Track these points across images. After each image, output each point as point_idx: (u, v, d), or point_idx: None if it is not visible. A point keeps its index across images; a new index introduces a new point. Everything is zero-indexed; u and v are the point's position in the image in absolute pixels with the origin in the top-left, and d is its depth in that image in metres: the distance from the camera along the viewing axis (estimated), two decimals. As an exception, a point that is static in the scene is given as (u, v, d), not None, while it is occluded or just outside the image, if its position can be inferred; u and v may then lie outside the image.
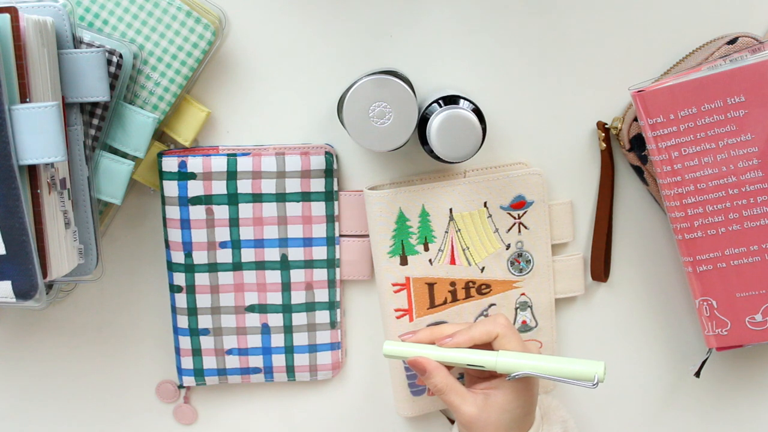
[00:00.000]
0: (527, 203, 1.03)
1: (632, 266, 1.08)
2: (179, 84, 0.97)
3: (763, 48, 0.94)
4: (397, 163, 1.04)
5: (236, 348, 1.05)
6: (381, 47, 1.01)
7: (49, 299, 1.01)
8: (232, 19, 1.00)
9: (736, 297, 1.00)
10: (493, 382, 0.95)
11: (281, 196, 1.01)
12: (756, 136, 0.95)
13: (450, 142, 0.93)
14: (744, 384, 1.11)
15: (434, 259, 1.03)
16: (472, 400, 0.94)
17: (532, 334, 1.06)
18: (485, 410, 0.94)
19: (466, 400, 0.94)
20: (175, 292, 1.03)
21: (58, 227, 0.90)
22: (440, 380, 0.95)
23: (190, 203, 1.00)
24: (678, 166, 0.97)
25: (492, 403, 0.94)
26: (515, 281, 1.05)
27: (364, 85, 0.92)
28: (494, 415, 0.94)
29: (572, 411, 1.10)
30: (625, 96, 1.02)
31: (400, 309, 1.04)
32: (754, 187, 0.96)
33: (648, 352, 1.10)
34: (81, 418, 1.10)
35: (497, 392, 0.94)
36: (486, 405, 0.94)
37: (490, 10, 1.01)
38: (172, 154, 1.00)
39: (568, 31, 1.02)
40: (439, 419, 1.10)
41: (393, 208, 1.01)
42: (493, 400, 0.94)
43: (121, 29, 0.95)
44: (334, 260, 1.04)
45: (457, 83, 1.02)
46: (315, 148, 1.01)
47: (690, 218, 0.98)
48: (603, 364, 0.91)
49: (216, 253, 1.02)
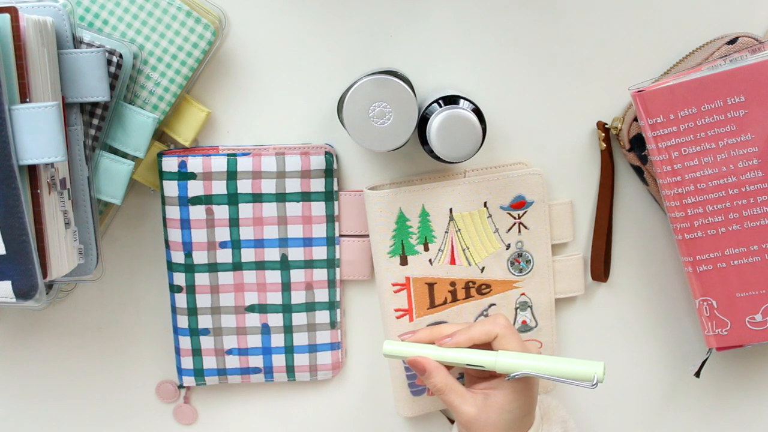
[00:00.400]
0: (527, 203, 1.03)
1: (632, 266, 1.08)
2: (179, 84, 0.97)
3: (763, 48, 0.94)
4: (397, 163, 1.04)
5: (236, 348, 1.05)
6: (381, 47, 1.01)
7: (49, 299, 1.01)
8: (232, 19, 1.00)
9: (736, 297, 1.00)
10: (493, 382, 0.95)
11: (281, 196, 1.01)
12: (756, 136, 0.95)
13: (450, 142, 0.93)
14: (744, 384, 1.11)
15: (434, 259, 1.03)
16: (471, 400, 0.94)
17: (532, 334, 1.06)
18: (485, 410, 0.94)
19: (466, 400, 0.94)
20: (175, 292, 1.03)
21: (58, 227, 0.90)
22: (440, 380, 0.95)
23: (190, 203, 1.00)
24: (678, 166, 0.97)
25: (492, 403, 0.94)
26: (515, 281, 1.05)
27: (364, 85, 0.92)
28: (494, 415, 0.94)
29: (572, 411, 1.10)
30: (625, 96, 1.02)
31: (400, 309, 1.04)
32: (754, 187, 0.96)
33: (648, 352, 1.10)
34: (81, 417, 1.10)
35: (497, 392, 0.94)
36: (486, 405, 0.94)
37: (490, 10, 1.01)
38: (172, 154, 1.00)
39: (568, 31, 1.02)
40: (439, 419, 1.10)
41: (393, 208, 1.01)
42: (492, 400, 0.94)
43: (121, 29, 0.95)
44: (334, 260, 1.04)
45: (457, 83, 1.02)
46: (315, 148, 1.01)
47: (690, 218, 0.98)
48: (602, 365, 0.91)
49: (216, 253, 1.02)
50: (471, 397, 0.95)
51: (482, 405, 0.94)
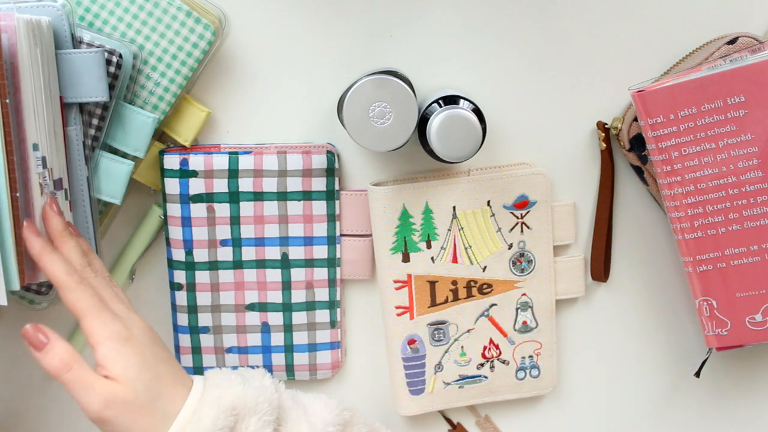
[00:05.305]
0: (530, 203, 1.03)
1: (632, 266, 1.08)
2: (179, 84, 0.97)
3: (763, 48, 0.94)
4: (397, 163, 1.04)
5: (236, 346, 1.05)
6: (381, 47, 1.01)
7: (49, 299, 1.02)
8: (232, 19, 1.00)
9: (736, 297, 1.00)
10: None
11: (282, 194, 1.01)
12: (756, 136, 0.95)
13: (450, 142, 0.93)
14: (744, 384, 1.11)
15: (436, 256, 1.03)
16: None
17: (532, 335, 1.06)
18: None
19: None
20: (175, 290, 1.04)
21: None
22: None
23: (192, 201, 1.00)
24: (678, 166, 0.97)
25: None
26: (517, 281, 1.05)
27: (364, 85, 0.92)
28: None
29: (572, 411, 1.10)
30: (625, 96, 1.02)
31: (401, 306, 1.04)
32: (754, 187, 0.96)
33: (648, 352, 1.10)
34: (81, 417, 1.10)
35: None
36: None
37: (490, 10, 1.01)
38: (174, 151, 1.00)
39: (568, 31, 1.01)
40: (439, 419, 1.11)
41: (397, 204, 1.01)
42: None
43: (121, 29, 0.95)
44: (334, 259, 1.04)
45: (457, 83, 1.02)
46: (317, 147, 1.01)
47: (690, 218, 0.98)
48: None
49: (217, 251, 1.02)
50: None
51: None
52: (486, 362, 1.06)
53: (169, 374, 0.88)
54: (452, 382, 1.07)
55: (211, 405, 0.87)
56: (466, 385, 1.07)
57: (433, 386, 1.06)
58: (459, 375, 1.06)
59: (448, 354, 1.06)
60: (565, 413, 1.11)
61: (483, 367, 1.07)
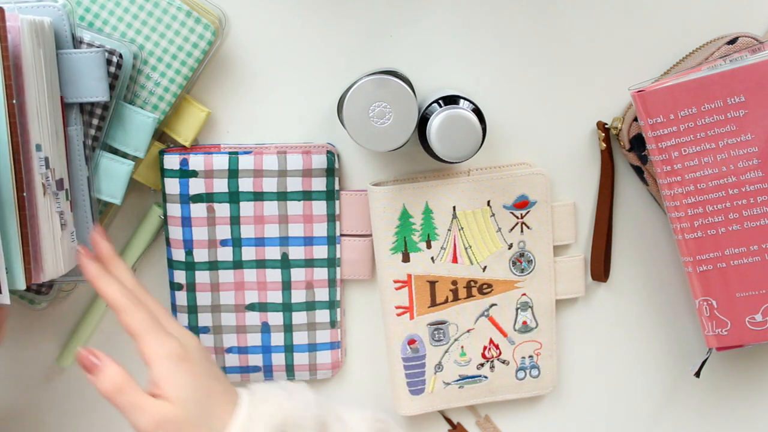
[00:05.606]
0: (530, 203, 1.03)
1: (632, 266, 1.08)
2: (179, 84, 0.97)
3: (763, 48, 0.94)
4: (397, 163, 1.04)
5: (236, 346, 1.05)
6: (381, 47, 1.01)
7: (49, 299, 1.02)
8: (232, 19, 1.00)
9: (736, 297, 1.00)
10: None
11: (282, 194, 1.01)
12: (756, 136, 0.95)
13: (450, 142, 0.93)
14: (744, 384, 1.11)
15: (436, 256, 1.03)
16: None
17: (532, 335, 1.06)
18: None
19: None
20: (175, 290, 1.04)
21: (54, 229, 0.90)
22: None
23: (192, 201, 1.00)
24: (678, 166, 0.97)
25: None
26: (517, 281, 1.05)
27: (364, 85, 0.92)
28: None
29: (572, 411, 1.10)
30: (625, 96, 1.02)
31: (401, 306, 1.04)
32: (754, 187, 0.96)
33: (648, 352, 1.10)
34: (81, 416, 1.10)
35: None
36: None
37: (491, 10, 1.01)
38: (174, 151, 1.00)
39: (568, 31, 1.01)
40: (439, 419, 1.11)
41: (397, 204, 1.01)
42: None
43: (121, 29, 0.95)
44: (334, 259, 1.04)
45: (457, 83, 1.02)
46: (317, 147, 1.01)
47: (690, 218, 0.98)
48: None
49: (217, 251, 1.02)
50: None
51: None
52: (486, 362, 1.06)
53: (219, 391, 0.89)
54: (452, 382, 1.07)
55: (258, 422, 0.87)
56: (466, 385, 1.07)
57: (433, 386, 1.06)
58: (459, 375, 1.06)
59: (448, 354, 1.06)
60: (565, 413, 1.11)
61: (483, 367, 1.07)
